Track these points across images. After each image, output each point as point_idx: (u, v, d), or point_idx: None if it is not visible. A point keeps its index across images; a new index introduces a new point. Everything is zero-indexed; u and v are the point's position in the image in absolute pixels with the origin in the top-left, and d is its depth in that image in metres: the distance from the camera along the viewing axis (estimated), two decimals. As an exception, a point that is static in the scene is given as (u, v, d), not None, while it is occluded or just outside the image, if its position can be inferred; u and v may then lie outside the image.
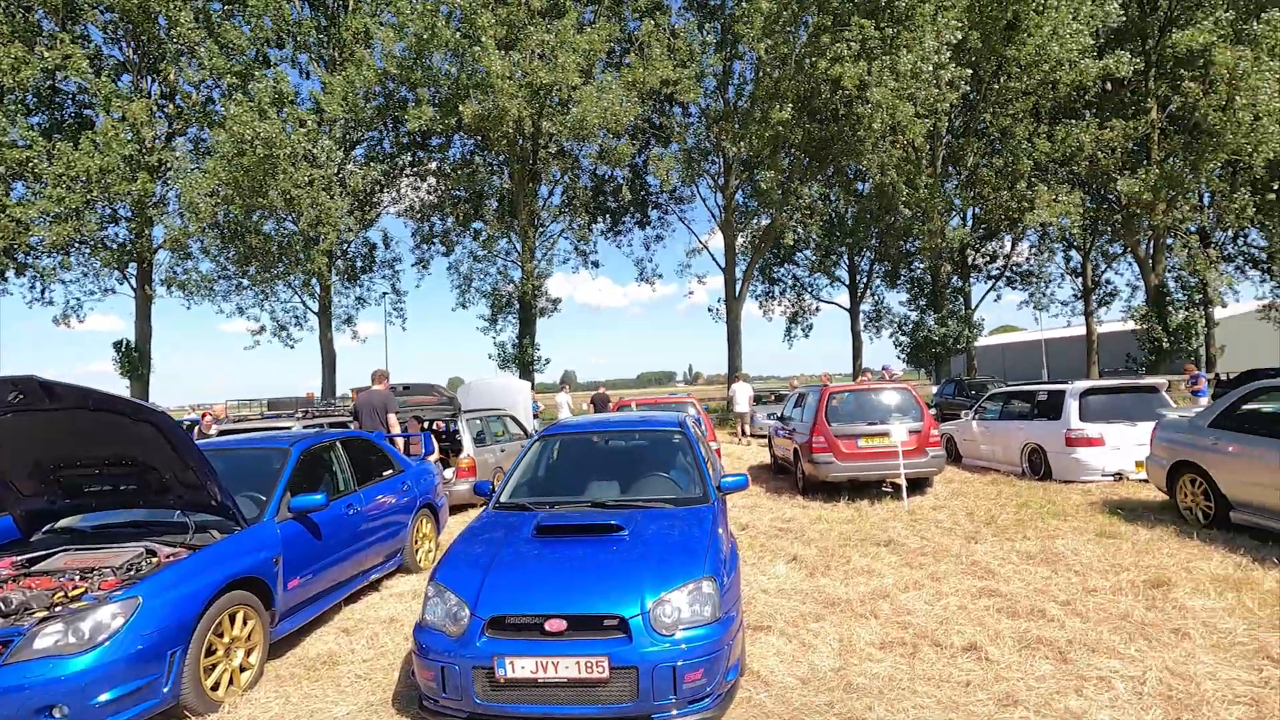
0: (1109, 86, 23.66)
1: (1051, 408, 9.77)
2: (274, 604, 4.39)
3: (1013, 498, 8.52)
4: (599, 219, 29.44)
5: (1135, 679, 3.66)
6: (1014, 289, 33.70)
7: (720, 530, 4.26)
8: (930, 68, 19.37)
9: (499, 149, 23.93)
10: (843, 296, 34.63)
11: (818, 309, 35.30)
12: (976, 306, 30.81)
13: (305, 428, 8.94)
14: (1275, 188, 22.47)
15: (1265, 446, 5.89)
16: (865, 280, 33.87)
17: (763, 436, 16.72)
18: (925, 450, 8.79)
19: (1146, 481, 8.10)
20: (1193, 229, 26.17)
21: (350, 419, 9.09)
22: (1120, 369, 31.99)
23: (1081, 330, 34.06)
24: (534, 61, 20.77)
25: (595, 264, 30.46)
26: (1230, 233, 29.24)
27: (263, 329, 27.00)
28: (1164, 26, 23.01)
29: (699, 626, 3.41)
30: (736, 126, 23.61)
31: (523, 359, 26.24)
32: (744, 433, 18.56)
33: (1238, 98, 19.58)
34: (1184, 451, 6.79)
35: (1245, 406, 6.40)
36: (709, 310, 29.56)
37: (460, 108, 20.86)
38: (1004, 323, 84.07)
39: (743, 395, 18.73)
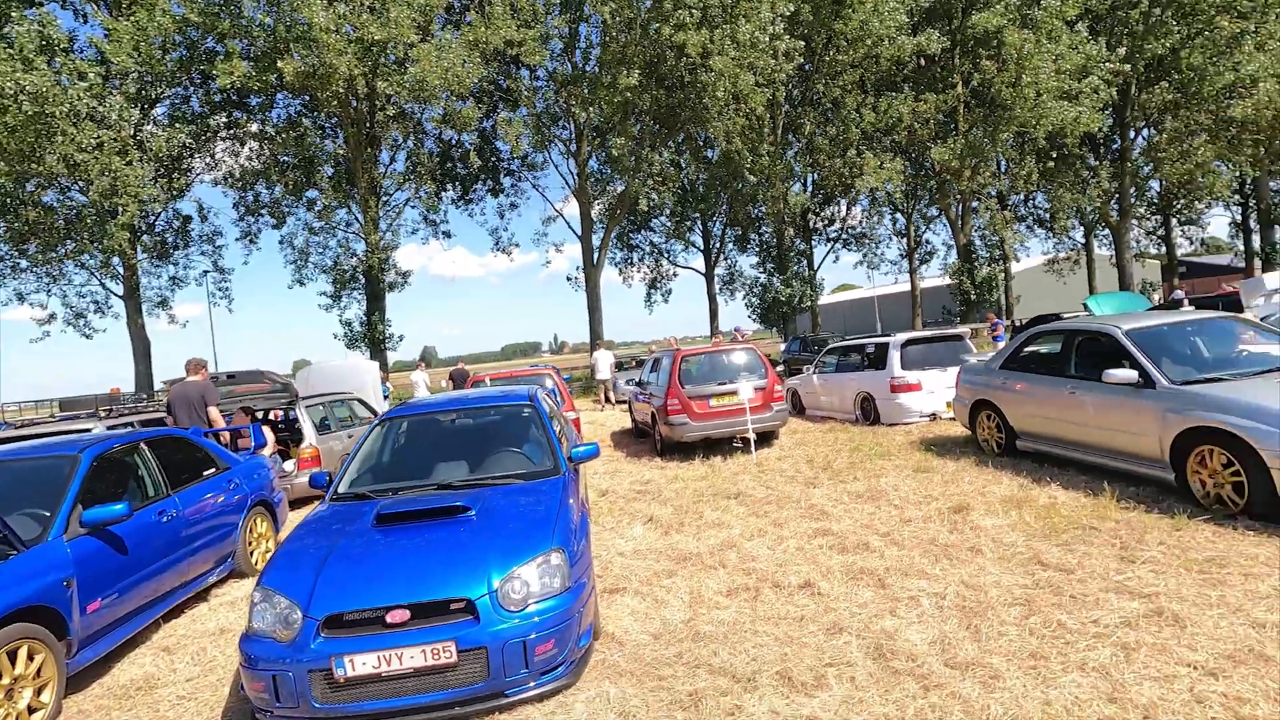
0: (923, 62, 25.88)
1: (878, 359, 10.74)
2: (69, 632, 3.87)
3: (847, 443, 9.33)
4: (448, 187, 28.12)
5: (938, 595, 4.17)
6: (849, 250, 36.59)
7: (571, 500, 4.29)
8: (767, 38, 20.15)
9: (330, 110, 22.02)
10: (698, 261, 35.81)
11: (675, 274, 36.30)
12: (818, 268, 33.09)
13: (111, 429, 7.87)
14: (1054, 156, 25.87)
15: (1038, 383, 6.86)
16: (718, 245, 35.20)
17: (625, 402, 17.03)
18: (770, 405, 9.37)
19: (954, 419, 9.16)
20: (993, 193, 29.59)
21: (166, 415, 8.12)
22: (939, 320, 35.87)
23: (908, 286, 37.64)
24: (363, 15, 19.16)
25: (447, 234, 29.23)
26: (1022, 196, 33.40)
27: (53, 317, 23.37)
28: (965, 9, 25.43)
29: (549, 598, 3.43)
30: (585, 91, 23.33)
31: (373, 337, 24.74)
32: (607, 399, 18.81)
33: (1024, 76, 22.18)
34: (981, 391, 7.74)
35: (1026, 349, 7.39)
36: (568, 279, 29.41)
37: (280, 63, 18.86)
38: (844, 281, 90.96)
39: (604, 362, 18.92)
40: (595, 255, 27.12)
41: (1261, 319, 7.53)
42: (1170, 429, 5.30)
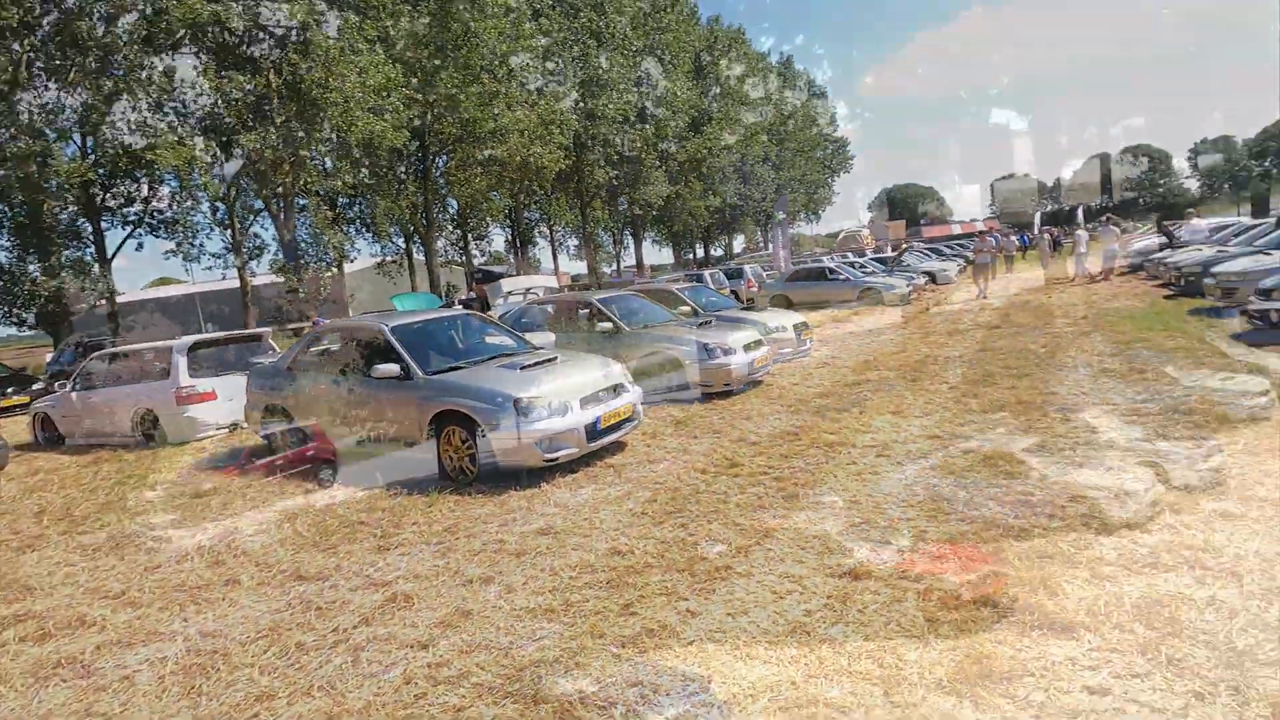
0: (226, 36, 23.53)
1: (161, 367, 8.95)
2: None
3: (111, 477, 7.36)
4: None
5: (162, 661, 3.36)
6: (159, 236, 30.74)
7: None
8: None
9: None
10: (-113, 236, 23.78)
11: None
12: (114, 255, 26.62)
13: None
14: (367, 164, 27.59)
15: (323, 382, 6.76)
16: (-69, 215, 24.16)
17: None
18: (-28, 445, 6.55)
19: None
20: (320, 193, 29.63)
21: None
22: (273, 316, 34.05)
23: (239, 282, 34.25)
24: None
25: None
26: (350, 199, 34.71)
27: None
28: (270, -6, 24.27)
29: None
30: None
31: None
32: None
33: (333, 80, 22.71)
34: (271, 395, 7.19)
35: (312, 349, 7.22)
36: None
37: None
38: (165, 275, 76.39)
39: None
40: None
41: (500, 316, 9.44)
42: (426, 414, 5.87)
